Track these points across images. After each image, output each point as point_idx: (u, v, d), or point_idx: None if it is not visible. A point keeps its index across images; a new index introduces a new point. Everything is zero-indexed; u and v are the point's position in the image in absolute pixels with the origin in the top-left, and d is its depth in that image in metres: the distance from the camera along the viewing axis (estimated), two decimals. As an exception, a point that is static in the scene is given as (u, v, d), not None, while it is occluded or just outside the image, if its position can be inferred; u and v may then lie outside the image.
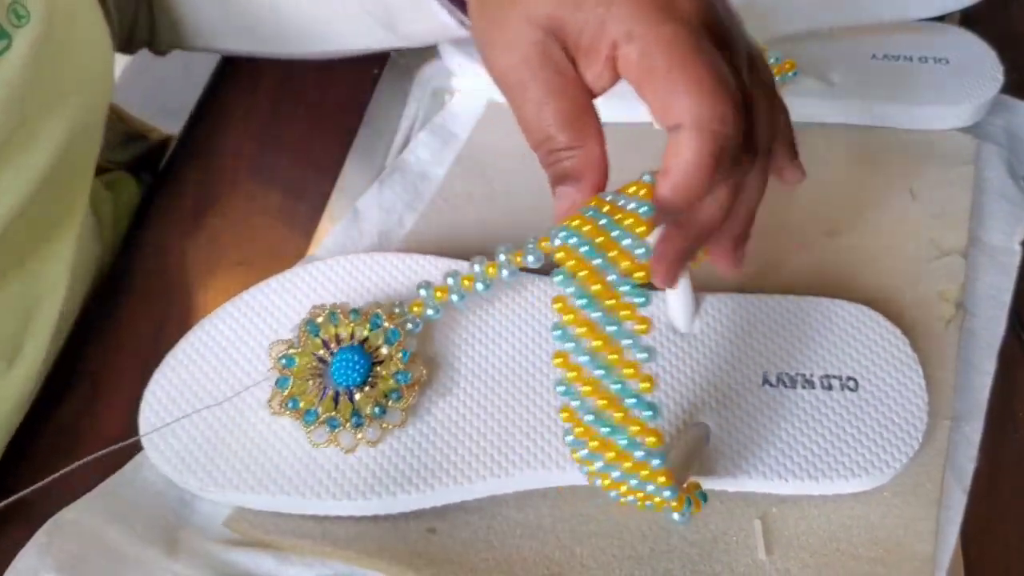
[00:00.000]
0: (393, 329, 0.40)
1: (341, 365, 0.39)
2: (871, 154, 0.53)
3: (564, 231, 0.33)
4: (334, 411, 0.39)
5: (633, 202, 0.33)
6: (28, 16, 0.40)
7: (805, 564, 0.38)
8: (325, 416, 0.39)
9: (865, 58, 0.56)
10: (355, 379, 0.39)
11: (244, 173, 0.56)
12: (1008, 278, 0.48)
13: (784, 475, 0.38)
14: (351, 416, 0.39)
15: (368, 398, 0.39)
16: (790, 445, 0.39)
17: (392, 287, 0.44)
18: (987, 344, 0.45)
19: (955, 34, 0.58)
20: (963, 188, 0.51)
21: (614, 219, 0.33)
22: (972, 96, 0.54)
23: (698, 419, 0.40)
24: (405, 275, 0.44)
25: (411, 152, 0.54)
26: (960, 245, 0.48)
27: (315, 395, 0.39)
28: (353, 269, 0.44)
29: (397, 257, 0.45)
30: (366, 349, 0.40)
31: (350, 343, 0.40)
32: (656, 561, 0.38)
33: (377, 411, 0.39)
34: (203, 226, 0.53)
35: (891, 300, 0.46)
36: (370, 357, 0.40)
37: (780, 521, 0.39)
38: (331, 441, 0.38)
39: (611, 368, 0.32)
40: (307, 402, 0.39)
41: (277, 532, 0.38)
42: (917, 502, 0.39)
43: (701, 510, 0.35)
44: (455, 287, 0.40)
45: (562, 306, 0.33)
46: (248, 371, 0.41)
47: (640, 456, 0.33)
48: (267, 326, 0.43)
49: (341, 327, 0.40)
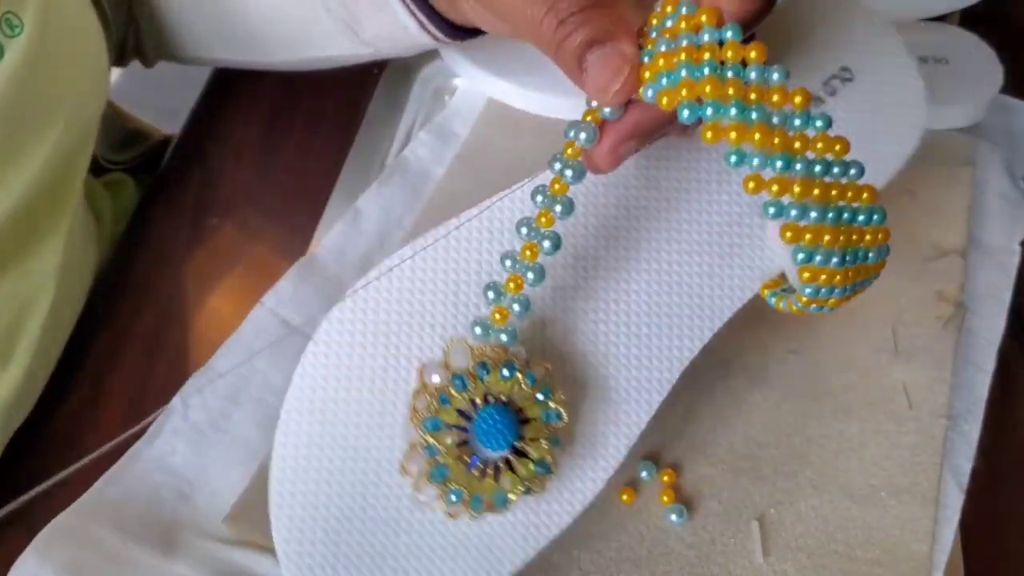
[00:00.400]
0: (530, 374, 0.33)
1: (487, 428, 0.33)
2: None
3: (689, 107, 0.29)
4: (481, 490, 0.33)
5: (706, 33, 0.29)
6: (22, 27, 0.40)
7: (802, 565, 0.38)
8: (471, 496, 0.33)
9: (865, 58, 0.56)
10: (502, 444, 0.33)
11: (244, 173, 0.56)
12: (1007, 278, 0.48)
13: None
14: (495, 497, 0.33)
15: (516, 479, 0.33)
16: None
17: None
18: (986, 343, 0.45)
19: (955, 34, 0.58)
20: (962, 188, 0.51)
21: (716, 62, 0.29)
22: (972, 96, 0.54)
23: None
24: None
25: (411, 151, 0.54)
26: (959, 245, 0.48)
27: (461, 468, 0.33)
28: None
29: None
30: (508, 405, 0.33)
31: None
32: (654, 564, 0.38)
33: (499, 502, 0.33)
34: (203, 226, 0.53)
35: (890, 300, 0.46)
36: (515, 417, 0.33)
37: (777, 523, 0.39)
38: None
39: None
40: (457, 480, 0.33)
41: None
42: (914, 502, 0.39)
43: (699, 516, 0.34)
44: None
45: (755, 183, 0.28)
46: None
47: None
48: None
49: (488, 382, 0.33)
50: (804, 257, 0.30)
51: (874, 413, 0.42)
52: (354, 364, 0.34)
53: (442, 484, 0.32)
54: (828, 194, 0.29)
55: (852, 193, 0.30)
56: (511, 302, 0.33)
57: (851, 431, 0.42)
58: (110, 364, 0.46)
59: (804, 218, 0.29)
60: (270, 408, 0.43)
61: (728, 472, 0.41)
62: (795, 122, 0.29)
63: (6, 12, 0.39)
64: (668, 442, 0.42)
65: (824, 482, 0.40)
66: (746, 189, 0.29)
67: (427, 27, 0.45)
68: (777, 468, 0.41)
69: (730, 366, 0.44)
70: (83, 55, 0.46)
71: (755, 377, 0.44)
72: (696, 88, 0.28)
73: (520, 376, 0.33)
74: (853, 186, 0.30)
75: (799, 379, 0.44)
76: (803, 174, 0.28)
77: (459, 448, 0.32)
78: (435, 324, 0.35)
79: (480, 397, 0.33)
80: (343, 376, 0.34)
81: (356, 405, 0.34)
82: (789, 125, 0.29)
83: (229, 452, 0.41)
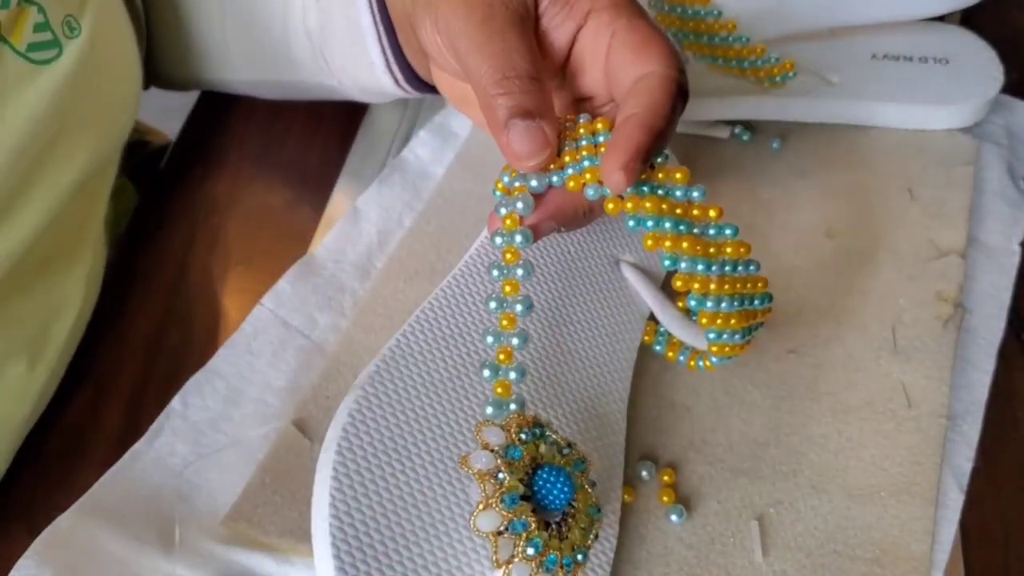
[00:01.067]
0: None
1: (550, 487, 0.33)
2: (871, 154, 0.53)
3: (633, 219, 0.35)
4: (561, 550, 0.33)
5: (602, 136, 0.36)
6: (80, 30, 0.42)
7: (802, 565, 0.38)
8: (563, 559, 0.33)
9: (865, 58, 0.56)
10: (563, 501, 0.33)
11: (244, 173, 0.56)
12: (1007, 278, 0.48)
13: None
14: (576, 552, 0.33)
15: (585, 531, 0.34)
16: None
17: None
18: (986, 343, 0.45)
19: (955, 34, 0.58)
20: (962, 188, 0.51)
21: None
22: (972, 96, 0.54)
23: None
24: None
25: (411, 151, 0.54)
26: (959, 245, 0.48)
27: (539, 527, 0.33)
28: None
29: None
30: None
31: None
32: (653, 565, 0.38)
33: (580, 557, 0.33)
34: (203, 226, 0.53)
35: (889, 300, 0.46)
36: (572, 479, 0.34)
37: (777, 522, 0.39)
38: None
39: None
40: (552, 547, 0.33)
41: (277, 533, 0.38)
42: (913, 502, 0.39)
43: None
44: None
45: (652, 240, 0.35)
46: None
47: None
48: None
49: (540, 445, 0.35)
50: (706, 309, 0.36)
51: (874, 413, 0.42)
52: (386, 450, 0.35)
53: (537, 556, 0.32)
54: (735, 288, 0.35)
55: (751, 285, 0.36)
56: (507, 372, 0.35)
57: (850, 431, 0.42)
58: (110, 364, 0.46)
59: (716, 308, 0.35)
60: (270, 408, 0.43)
61: (727, 472, 0.41)
62: (711, 231, 0.36)
63: (67, 15, 0.42)
64: (668, 442, 0.42)
65: (823, 482, 0.40)
66: (675, 287, 0.35)
67: (391, 68, 0.47)
68: (776, 468, 0.41)
69: (729, 366, 0.44)
70: (123, 68, 0.48)
71: (755, 377, 0.44)
72: (595, 172, 0.35)
73: (549, 434, 0.35)
74: (752, 278, 0.36)
75: (799, 379, 0.44)
76: (718, 273, 0.35)
77: (534, 515, 0.33)
78: (452, 397, 0.37)
79: (528, 464, 0.34)
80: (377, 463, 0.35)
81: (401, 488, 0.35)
82: (707, 234, 0.36)
83: (229, 452, 0.41)
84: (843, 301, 0.46)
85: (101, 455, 0.41)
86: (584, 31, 0.38)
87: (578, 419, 0.39)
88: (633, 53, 0.37)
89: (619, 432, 0.40)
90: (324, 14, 0.48)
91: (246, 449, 0.41)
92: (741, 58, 0.54)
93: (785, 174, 0.53)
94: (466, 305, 0.40)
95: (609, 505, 0.38)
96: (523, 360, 0.39)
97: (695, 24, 0.54)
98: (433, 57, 0.40)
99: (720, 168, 0.53)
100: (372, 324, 0.45)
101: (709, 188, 0.36)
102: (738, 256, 0.36)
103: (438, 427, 0.36)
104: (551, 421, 0.38)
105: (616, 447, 0.40)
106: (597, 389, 0.40)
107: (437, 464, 0.35)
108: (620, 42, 0.37)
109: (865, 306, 0.46)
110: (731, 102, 0.54)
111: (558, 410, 0.39)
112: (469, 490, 0.35)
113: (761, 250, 0.49)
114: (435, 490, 0.35)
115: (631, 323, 0.43)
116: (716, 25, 0.54)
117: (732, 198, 0.52)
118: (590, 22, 0.38)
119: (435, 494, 0.35)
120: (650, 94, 0.36)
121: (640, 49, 0.37)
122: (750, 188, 0.52)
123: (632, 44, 0.37)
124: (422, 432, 0.36)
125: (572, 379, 0.40)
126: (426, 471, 0.35)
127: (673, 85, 0.36)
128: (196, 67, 0.56)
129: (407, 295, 0.46)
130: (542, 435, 0.35)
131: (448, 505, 0.34)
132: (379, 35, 0.45)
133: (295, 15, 0.49)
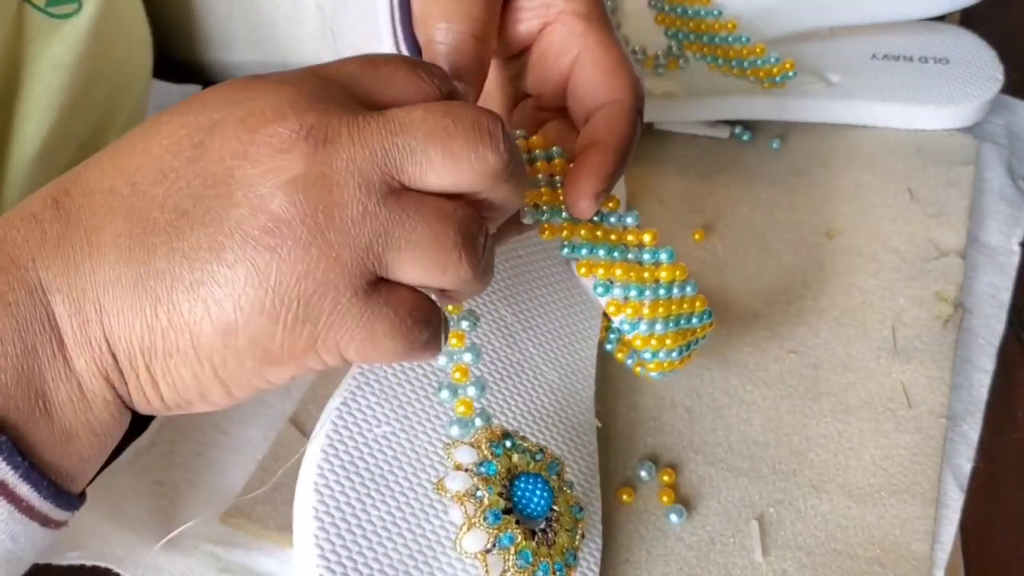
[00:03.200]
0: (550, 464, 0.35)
1: (529, 494, 0.34)
2: (871, 154, 0.53)
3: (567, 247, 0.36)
4: (552, 557, 0.33)
5: (539, 152, 0.37)
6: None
7: (802, 564, 0.38)
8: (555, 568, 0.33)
9: (865, 58, 0.56)
10: (544, 507, 0.33)
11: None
12: (1007, 278, 0.48)
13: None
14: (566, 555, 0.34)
15: (571, 535, 0.34)
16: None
17: None
18: (986, 342, 0.45)
19: (955, 34, 0.58)
20: (962, 188, 0.51)
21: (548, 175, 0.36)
22: (972, 96, 0.54)
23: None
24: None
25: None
26: (959, 245, 0.48)
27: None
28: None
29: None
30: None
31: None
32: (653, 565, 0.38)
33: (571, 559, 0.34)
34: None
35: (889, 300, 0.46)
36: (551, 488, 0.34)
37: (777, 522, 0.39)
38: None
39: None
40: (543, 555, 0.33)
41: (276, 528, 0.38)
42: (914, 501, 0.39)
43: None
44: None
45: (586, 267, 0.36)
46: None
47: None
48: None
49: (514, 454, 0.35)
50: (638, 331, 0.36)
51: (874, 413, 0.42)
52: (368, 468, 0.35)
53: (528, 566, 0.32)
54: (669, 310, 0.36)
55: (687, 305, 0.37)
56: (466, 389, 0.35)
57: (850, 431, 0.42)
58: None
59: (649, 330, 0.36)
60: (270, 408, 0.43)
61: (727, 472, 0.41)
62: (645, 256, 0.36)
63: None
64: (667, 442, 0.42)
65: (823, 481, 0.40)
66: (608, 311, 0.36)
67: (400, 47, 0.46)
68: (776, 468, 0.41)
69: (729, 366, 0.44)
70: (136, 25, 0.48)
71: (754, 377, 0.44)
72: (532, 195, 0.35)
73: (519, 443, 0.35)
74: (689, 299, 0.37)
75: (799, 379, 0.44)
76: (651, 298, 0.36)
77: (519, 527, 0.32)
78: (418, 421, 0.36)
79: (504, 476, 0.34)
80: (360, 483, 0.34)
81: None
82: (642, 259, 0.36)
83: (228, 452, 0.41)
84: (843, 301, 0.46)
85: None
86: (553, 29, 0.38)
87: (546, 423, 0.39)
88: (603, 75, 0.37)
89: (589, 428, 0.40)
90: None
91: (245, 449, 0.41)
92: (741, 58, 0.54)
93: (785, 174, 0.53)
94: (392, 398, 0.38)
95: (591, 504, 0.38)
96: (481, 374, 0.38)
97: (695, 24, 0.54)
98: None
99: (720, 168, 0.53)
100: (372, 324, 0.45)
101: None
102: (673, 279, 0.36)
103: (411, 454, 0.35)
104: (519, 430, 0.38)
105: (588, 443, 0.39)
106: (562, 389, 0.40)
107: (416, 491, 0.35)
108: (591, 61, 0.37)
109: (865, 306, 0.46)
110: (731, 102, 0.54)
111: (525, 417, 0.39)
112: (450, 513, 0.34)
113: (761, 250, 0.49)
114: (417, 518, 0.34)
115: (588, 319, 0.43)
116: (716, 25, 0.54)
117: (732, 198, 0.52)
118: (559, 24, 0.38)
119: (418, 522, 0.34)
120: (619, 124, 0.36)
121: (610, 73, 0.37)
122: (750, 188, 0.52)
123: (604, 67, 0.37)
124: (395, 463, 0.35)
125: (534, 384, 0.40)
126: (406, 500, 0.34)
127: (636, 116, 0.37)
128: (199, 46, 0.56)
129: (407, 295, 0.46)
130: (513, 445, 0.35)
131: (432, 531, 0.34)
132: (392, 9, 0.45)
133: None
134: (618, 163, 0.35)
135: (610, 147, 0.35)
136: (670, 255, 0.36)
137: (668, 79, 0.55)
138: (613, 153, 0.35)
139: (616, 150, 0.35)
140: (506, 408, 0.38)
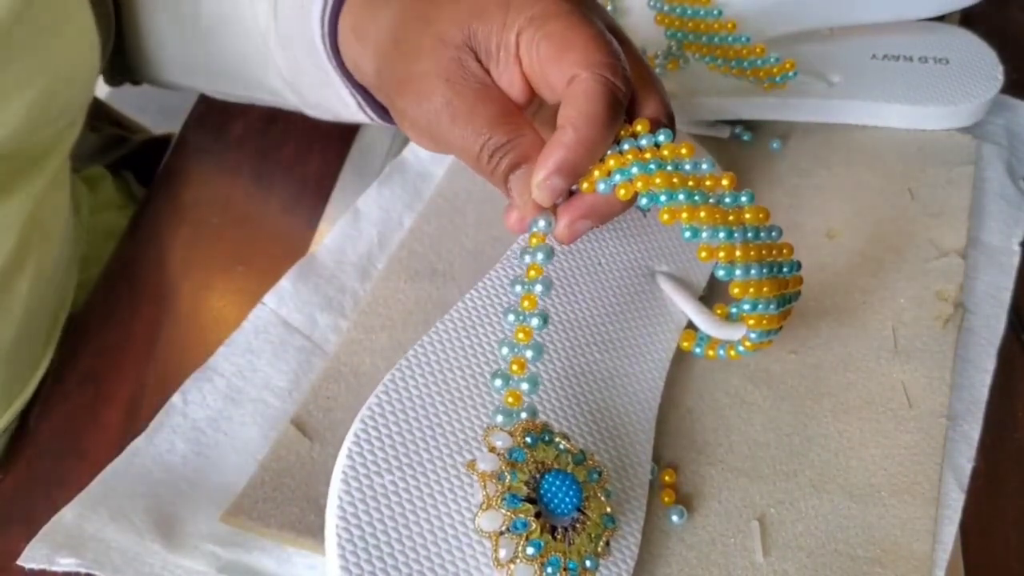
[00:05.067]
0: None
1: (556, 492, 0.33)
2: (871, 154, 0.53)
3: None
4: (571, 555, 0.33)
5: (644, 139, 0.36)
6: None
7: (803, 565, 0.38)
8: (567, 562, 0.33)
9: (865, 58, 0.56)
10: (570, 507, 0.33)
11: (244, 172, 0.56)
12: (1007, 278, 0.48)
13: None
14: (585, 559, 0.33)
15: (590, 538, 0.34)
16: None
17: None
18: (986, 342, 0.45)
19: (955, 34, 0.58)
20: (962, 188, 0.51)
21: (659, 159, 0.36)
22: (972, 96, 0.54)
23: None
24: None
25: (411, 151, 0.54)
26: (959, 245, 0.48)
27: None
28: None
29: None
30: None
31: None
32: (653, 565, 0.38)
33: (589, 564, 0.33)
34: (203, 226, 0.53)
35: (889, 300, 0.46)
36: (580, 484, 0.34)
37: (777, 522, 0.39)
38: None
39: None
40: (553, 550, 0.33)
41: (277, 527, 0.38)
42: (914, 501, 0.39)
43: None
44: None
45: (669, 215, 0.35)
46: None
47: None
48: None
49: (545, 452, 0.35)
50: (735, 278, 0.36)
51: (874, 413, 0.42)
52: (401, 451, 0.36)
53: (538, 556, 0.32)
54: (760, 254, 0.35)
55: (775, 251, 0.36)
56: (519, 383, 0.36)
57: (851, 431, 0.42)
58: (110, 364, 0.46)
59: (746, 275, 0.35)
60: (270, 408, 0.43)
61: (728, 472, 0.41)
62: (726, 200, 0.36)
63: None
64: (668, 442, 0.42)
65: (824, 482, 0.40)
66: (700, 257, 0.35)
67: (364, 109, 0.47)
68: (777, 468, 0.41)
69: (730, 366, 0.44)
70: (73, 22, 0.47)
71: (755, 377, 0.44)
72: (648, 180, 0.35)
73: (559, 441, 0.35)
74: (776, 245, 0.36)
75: (799, 379, 0.44)
76: (740, 240, 0.35)
77: (538, 520, 0.33)
78: (467, 406, 0.38)
79: (534, 469, 0.34)
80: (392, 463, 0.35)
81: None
82: (723, 203, 0.36)
83: (228, 451, 0.41)
84: (843, 301, 0.46)
85: (101, 455, 0.41)
86: (521, 52, 0.37)
87: (598, 430, 0.39)
88: (552, 60, 0.36)
89: (645, 445, 0.40)
90: (293, 62, 0.48)
91: (245, 449, 0.41)
92: (741, 58, 0.54)
93: (785, 174, 0.53)
94: (487, 317, 0.40)
95: (630, 517, 0.37)
96: (537, 371, 0.39)
97: (695, 24, 0.54)
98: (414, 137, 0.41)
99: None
100: (372, 325, 0.45)
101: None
102: (758, 221, 0.36)
103: (451, 434, 0.36)
104: (568, 432, 0.38)
105: (641, 461, 0.39)
106: (622, 401, 0.40)
107: (448, 470, 0.35)
108: (542, 54, 0.36)
109: (865, 306, 0.46)
110: (731, 102, 0.54)
111: (575, 420, 0.39)
112: (475, 493, 0.35)
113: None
114: (445, 495, 0.35)
115: (664, 335, 0.43)
116: (716, 25, 0.54)
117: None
118: (522, 42, 0.37)
119: (444, 499, 0.35)
120: (573, 105, 0.35)
121: (559, 50, 0.36)
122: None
123: (550, 49, 0.36)
124: (434, 439, 0.36)
125: (593, 391, 0.40)
126: (437, 476, 0.35)
127: (603, 89, 0.35)
128: (164, 72, 0.56)
129: (407, 295, 0.46)
130: (551, 441, 0.35)
131: (457, 510, 0.35)
132: (350, 88, 0.45)
133: (270, 65, 0.49)
134: (574, 147, 0.35)
135: (556, 138, 0.35)
136: (750, 197, 0.36)
137: (668, 79, 0.55)
138: (564, 139, 0.35)
139: (569, 137, 0.35)
140: (557, 408, 0.39)
